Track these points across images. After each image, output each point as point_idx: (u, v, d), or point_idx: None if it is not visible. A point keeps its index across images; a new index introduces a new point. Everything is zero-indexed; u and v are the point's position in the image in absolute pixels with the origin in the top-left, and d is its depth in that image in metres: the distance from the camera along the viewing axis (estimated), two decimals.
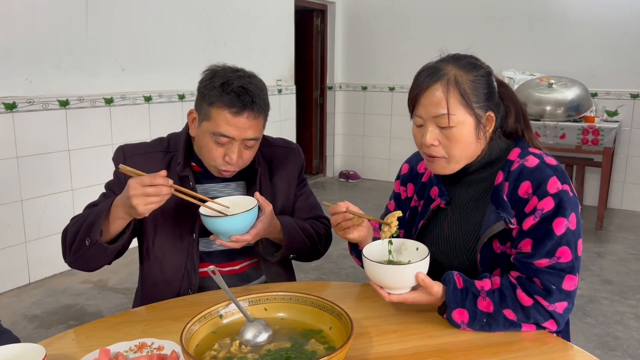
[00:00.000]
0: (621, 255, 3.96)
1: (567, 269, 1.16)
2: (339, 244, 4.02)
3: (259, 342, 1.05)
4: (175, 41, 4.22)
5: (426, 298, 1.18)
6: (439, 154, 1.25)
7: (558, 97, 4.53)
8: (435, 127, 1.23)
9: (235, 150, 1.37)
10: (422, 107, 1.23)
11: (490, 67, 1.28)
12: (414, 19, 5.91)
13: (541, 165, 1.21)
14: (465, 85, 1.20)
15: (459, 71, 1.21)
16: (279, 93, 5.50)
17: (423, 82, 1.23)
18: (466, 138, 1.22)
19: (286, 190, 1.59)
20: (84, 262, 1.39)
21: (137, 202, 1.20)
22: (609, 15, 4.98)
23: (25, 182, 3.32)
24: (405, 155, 1.65)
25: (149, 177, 1.21)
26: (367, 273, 1.18)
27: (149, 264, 1.51)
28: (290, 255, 1.53)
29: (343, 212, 1.28)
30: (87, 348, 1.08)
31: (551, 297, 1.15)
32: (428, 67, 1.25)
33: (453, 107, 1.19)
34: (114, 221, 1.30)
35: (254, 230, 1.35)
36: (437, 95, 1.20)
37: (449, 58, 1.26)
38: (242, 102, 1.33)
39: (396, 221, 1.22)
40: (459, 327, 1.18)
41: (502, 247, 1.24)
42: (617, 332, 2.82)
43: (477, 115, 1.21)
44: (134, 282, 1.60)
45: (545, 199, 1.17)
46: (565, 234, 1.16)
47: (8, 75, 3.18)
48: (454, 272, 1.20)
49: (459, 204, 1.33)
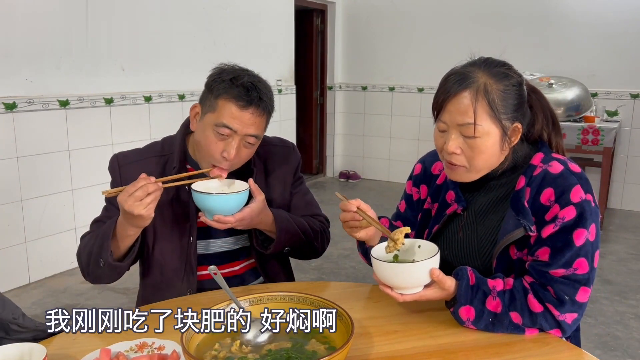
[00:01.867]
0: (621, 255, 3.96)
1: (583, 280, 1.14)
2: (339, 244, 4.04)
3: (260, 342, 1.05)
4: (175, 41, 4.21)
5: (439, 294, 1.16)
6: (460, 163, 1.20)
7: (558, 97, 4.53)
8: (459, 135, 1.18)
9: (235, 145, 1.37)
10: (447, 113, 1.18)
11: (522, 76, 1.23)
12: (414, 19, 5.90)
13: (565, 172, 1.18)
14: (495, 95, 1.15)
15: (490, 79, 1.16)
16: (279, 93, 5.50)
17: (451, 88, 1.16)
18: (490, 149, 1.18)
19: (282, 189, 1.58)
20: (106, 279, 1.44)
21: (136, 210, 1.21)
22: (609, 15, 4.98)
23: (25, 182, 3.32)
24: (405, 155, 1.65)
25: (130, 185, 1.24)
26: (377, 274, 1.14)
27: (149, 267, 1.52)
28: (284, 248, 1.51)
29: (353, 212, 1.24)
30: (88, 348, 1.07)
31: (563, 307, 1.14)
32: (457, 72, 1.19)
33: (480, 117, 1.14)
34: (122, 239, 1.33)
35: (239, 214, 1.35)
36: (464, 104, 1.15)
37: (480, 63, 1.20)
38: (249, 96, 1.34)
39: (403, 238, 1.17)
40: (462, 324, 1.17)
41: (519, 254, 1.21)
42: (617, 332, 2.82)
43: (504, 126, 1.17)
44: (134, 282, 1.60)
45: (567, 208, 1.14)
46: (585, 245, 1.14)
47: (8, 75, 3.18)
48: (467, 267, 1.18)
49: (475, 209, 1.30)
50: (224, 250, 1.55)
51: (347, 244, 4.04)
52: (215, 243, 1.54)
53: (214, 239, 1.53)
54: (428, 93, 5.96)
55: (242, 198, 1.34)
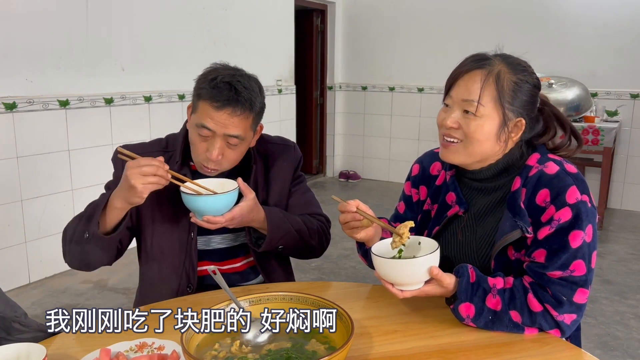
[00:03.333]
0: (621, 255, 3.96)
1: (580, 282, 1.14)
2: (339, 244, 4.04)
3: (260, 342, 1.05)
4: (176, 41, 4.21)
5: (439, 290, 1.16)
6: (456, 136, 1.22)
7: (558, 97, 4.53)
8: (461, 111, 1.21)
9: (217, 146, 1.37)
10: (456, 87, 1.22)
11: (540, 81, 1.25)
12: (413, 19, 5.90)
13: (561, 173, 1.18)
14: (505, 84, 1.18)
15: (505, 68, 1.20)
16: (279, 93, 5.50)
17: (465, 65, 1.21)
18: (487, 133, 1.19)
19: (281, 187, 1.58)
20: (83, 259, 1.40)
21: (134, 180, 1.23)
22: (609, 15, 4.98)
23: (25, 182, 3.32)
24: (405, 155, 1.65)
25: (146, 159, 1.26)
26: (378, 271, 1.15)
27: (148, 264, 1.52)
28: (277, 247, 1.50)
29: (353, 212, 1.24)
30: (88, 348, 1.07)
31: (561, 307, 1.14)
32: (477, 54, 1.23)
33: (484, 98, 1.18)
34: (110, 211, 1.32)
35: (229, 214, 1.35)
36: (474, 80, 1.18)
37: (501, 54, 1.24)
38: (225, 97, 1.34)
39: (408, 232, 1.18)
40: (462, 321, 1.17)
41: (517, 254, 1.22)
42: (617, 332, 2.82)
43: (505, 115, 1.19)
44: (134, 282, 1.60)
45: (563, 209, 1.14)
46: (581, 246, 1.14)
47: (8, 75, 3.18)
48: (468, 265, 1.18)
49: (474, 210, 1.31)
50: (224, 246, 1.55)
51: (347, 244, 4.04)
52: (214, 239, 1.54)
53: (214, 235, 1.53)
54: (428, 93, 5.96)
55: (231, 198, 1.35)
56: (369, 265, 1.36)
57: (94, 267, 1.44)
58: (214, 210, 1.34)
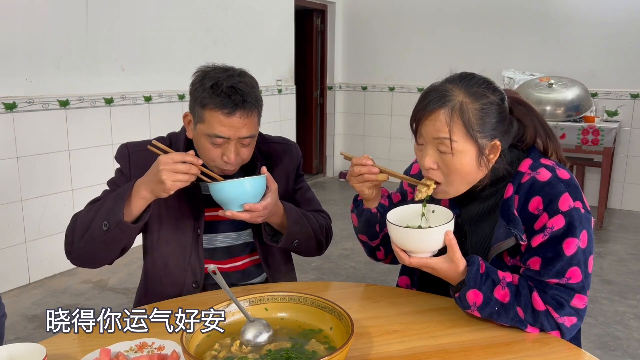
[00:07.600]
0: (621, 255, 3.96)
1: (577, 288, 1.14)
2: (339, 244, 4.04)
3: (260, 342, 1.05)
4: (175, 41, 4.21)
5: (447, 265, 1.15)
6: (436, 178, 1.21)
7: (558, 97, 4.53)
8: (435, 150, 1.18)
9: (232, 149, 1.38)
10: (424, 127, 1.19)
11: (504, 93, 1.22)
12: (413, 18, 5.91)
13: (553, 179, 1.16)
14: (471, 115, 1.14)
15: (467, 98, 1.15)
16: (279, 93, 5.50)
17: (428, 105, 1.17)
18: (466, 167, 1.17)
19: (284, 187, 1.59)
20: (93, 254, 1.37)
21: (166, 176, 1.22)
22: (609, 15, 4.98)
23: (25, 182, 3.32)
24: (405, 155, 1.65)
25: (179, 154, 1.25)
26: (392, 238, 1.16)
27: (153, 260, 1.52)
28: (293, 242, 1.50)
29: (370, 165, 1.25)
30: (88, 348, 1.08)
31: (562, 310, 1.14)
32: (435, 89, 1.19)
33: (455, 135, 1.15)
34: (135, 201, 1.30)
35: (264, 202, 1.34)
36: (440, 120, 1.15)
37: (458, 79, 1.19)
38: (233, 102, 1.33)
39: (434, 184, 1.20)
40: (467, 309, 1.16)
41: (513, 261, 1.22)
42: (617, 332, 2.82)
43: (480, 145, 1.16)
44: (134, 282, 1.60)
45: (556, 217, 1.13)
46: (576, 253, 1.13)
47: (8, 75, 3.18)
48: (479, 257, 1.17)
49: (468, 217, 1.31)
50: (227, 245, 1.55)
51: (347, 244, 4.04)
52: (217, 238, 1.54)
53: (217, 234, 1.54)
54: None
55: (264, 183, 1.35)
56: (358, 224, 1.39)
57: (99, 265, 1.43)
58: (251, 196, 1.31)
